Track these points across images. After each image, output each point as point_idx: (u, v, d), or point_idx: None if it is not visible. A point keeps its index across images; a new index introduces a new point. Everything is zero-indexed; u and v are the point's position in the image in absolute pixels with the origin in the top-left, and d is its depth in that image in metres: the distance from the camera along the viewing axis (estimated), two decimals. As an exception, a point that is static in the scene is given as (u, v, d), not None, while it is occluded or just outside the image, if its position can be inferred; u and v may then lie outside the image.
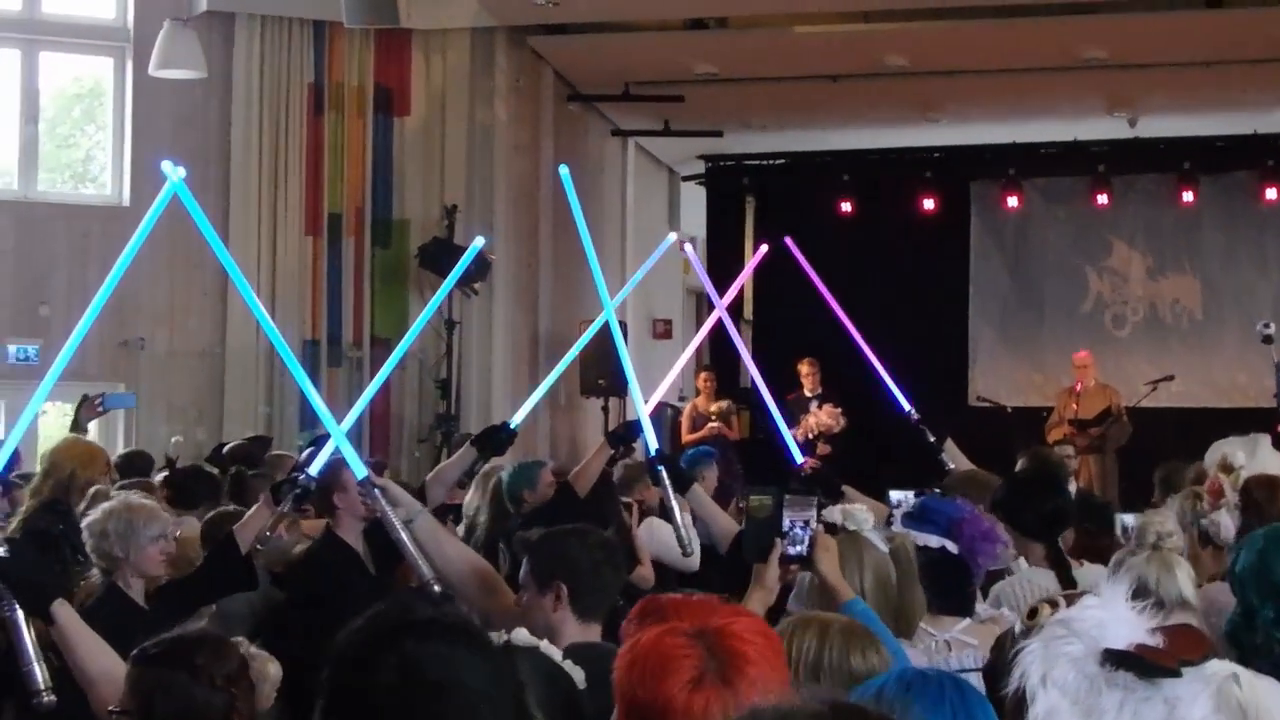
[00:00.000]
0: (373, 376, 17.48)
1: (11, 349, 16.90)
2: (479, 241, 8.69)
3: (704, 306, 18.25)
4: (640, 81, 19.24)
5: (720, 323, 9.26)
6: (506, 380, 18.27)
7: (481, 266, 17.71)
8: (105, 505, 7.01)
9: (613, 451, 9.55)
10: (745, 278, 9.26)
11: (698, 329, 22.04)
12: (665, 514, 7.87)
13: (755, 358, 10.32)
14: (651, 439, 7.76)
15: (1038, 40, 17.62)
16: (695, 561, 9.70)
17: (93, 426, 17.20)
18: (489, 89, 18.52)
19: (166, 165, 6.18)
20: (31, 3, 17.58)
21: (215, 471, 11.22)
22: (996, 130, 21.14)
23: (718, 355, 20.69)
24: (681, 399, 22.71)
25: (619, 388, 18.34)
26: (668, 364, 9.56)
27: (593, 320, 18.86)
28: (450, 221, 17.91)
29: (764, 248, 9.45)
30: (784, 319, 17.77)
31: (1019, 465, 10.08)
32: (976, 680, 5.75)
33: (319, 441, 7.97)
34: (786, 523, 5.29)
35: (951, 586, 5.68)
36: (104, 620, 5.70)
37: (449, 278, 9.10)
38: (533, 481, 10.06)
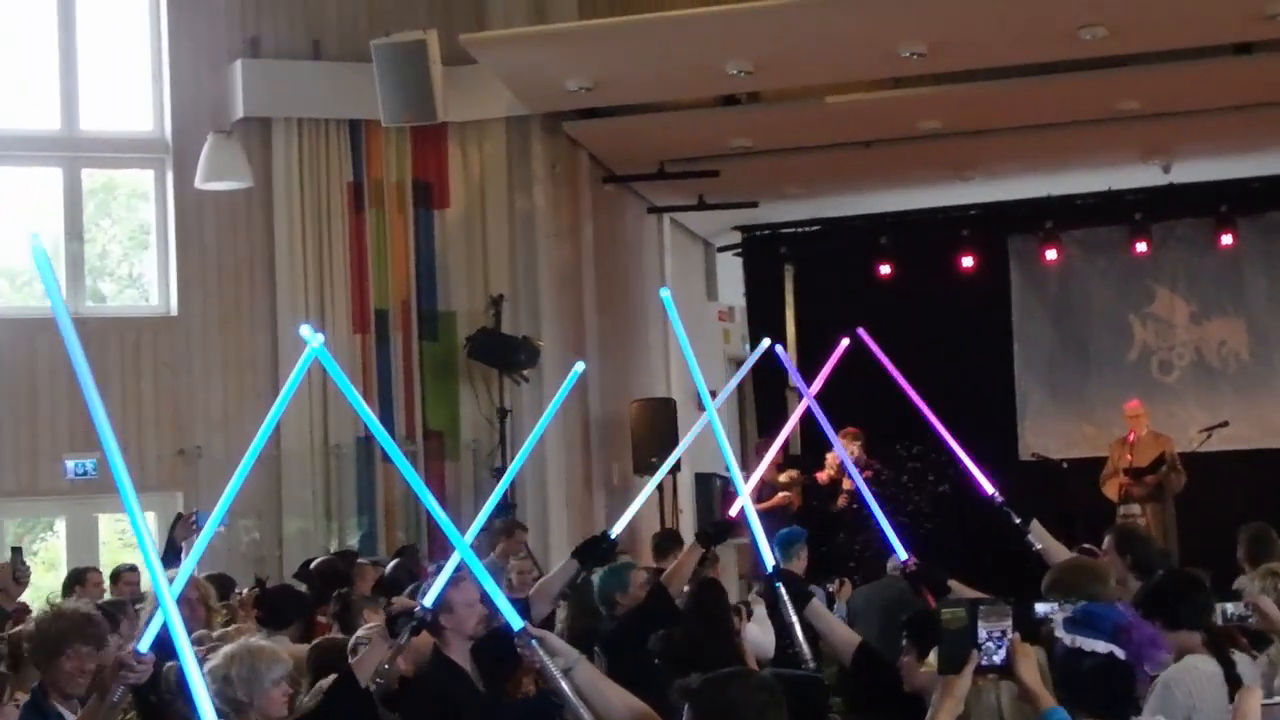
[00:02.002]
0: (427, 470, 17.68)
1: (70, 464, 16.95)
2: (579, 367, 8.59)
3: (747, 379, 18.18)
4: (674, 159, 19.29)
5: (800, 407, 9.16)
6: (561, 466, 18.25)
7: (530, 353, 17.79)
8: (226, 650, 7.02)
9: (703, 551, 9.55)
10: (830, 369, 9.20)
11: (740, 400, 22.18)
12: (784, 630, 7.80)
13: (804, 427, 10.24)
14: (767, 555, 7.70)
15: (1069, 96, 17.66)
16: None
17: (158, 532, 17.42)
18: (527, 177, 18.57)
19: (305, 330, 6.23)
20: (70, 120, 17.71)
21: (304, 589, 11.23)
22: (1031, 184, 21.11)
23: (767, 425, 20.72)
24: (728, 469, 22.71)
25: (673, 466, 18.30)
26: (712, 436, 9.47)
27: (641, 400, 19.06)
28: (497, 311, 17.98)
29: (845, 341, 9.41)
30: (829, 391, 17.78)
31: (1108, 541, 9.95)
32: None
33: (438, 569, 7.96)
34: (982, 634, 5.20)
35: (1119, 693, 5.64)
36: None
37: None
38: (625, 584, 10.03)
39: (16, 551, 9.69)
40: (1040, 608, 7.19)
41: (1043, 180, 21.07)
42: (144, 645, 5.66)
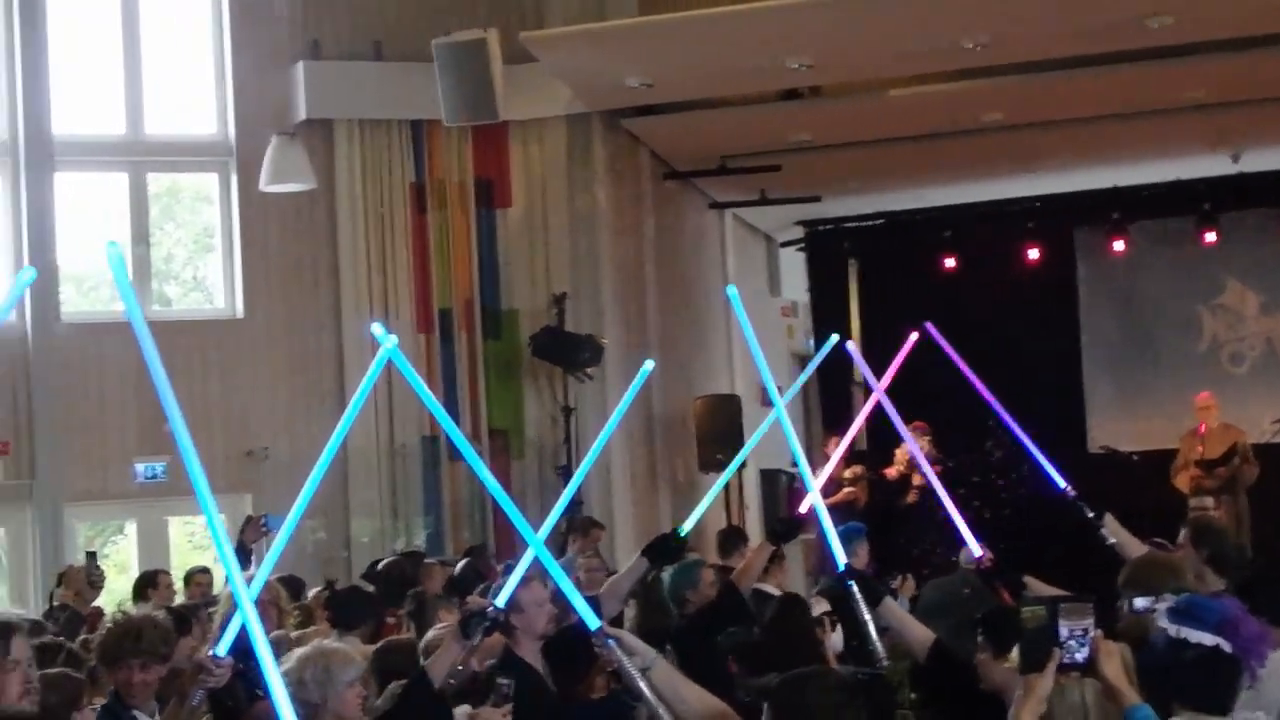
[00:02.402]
0: (492, 469, 17.55)
1: (140, 468, 17.02)
2: (648, 365, 8.53)
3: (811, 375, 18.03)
4: (735, 154, 19.23)
5: (870, 402, 9.07)
6: (626, 463, 18.22)
7: (593, 352, 17.77)
8: (300, 652, 6.98)
9: (774, 549, 9.49)
10: (898, 363, 9.11)
11: (805, 397, 22.09)
12: (858, 629, 7.73)
13: (869, 423, 10.17)
14: (839, 553, 7.62)
15: (1135, 86, 17.50)
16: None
17: (226, 534, 17.43)
18: (587, 174, 18.57)
19: (378, 329, 6.20)
20: (135, 125, 17.78)
21: (372, 589, 11.23)
22: (1097, 175, 20.93)
23: (832, 421, 20.66)
24: (794, 465, 22.64)
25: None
26: (777, 431, 9.42)
27: (705, 397, 19.00)
28: (560, 309, 17.97)
29: (914, 335, 9.32)
30: (895, 386, 17.69)
31: (1184, 535, 9.83)
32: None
33: (508, 569, 7.93)
34: (1064, 632, 5.14)
35: (1221, 686, 5.56)
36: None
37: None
38: (695, 582, 9.98)
39: (91, 555, 9.73)
40: (1140, 602, 7.10)
41: (1109, 171, 20.88)
42: (222, 649, 5.63)
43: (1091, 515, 9.10)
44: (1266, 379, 21.39)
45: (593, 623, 5.78)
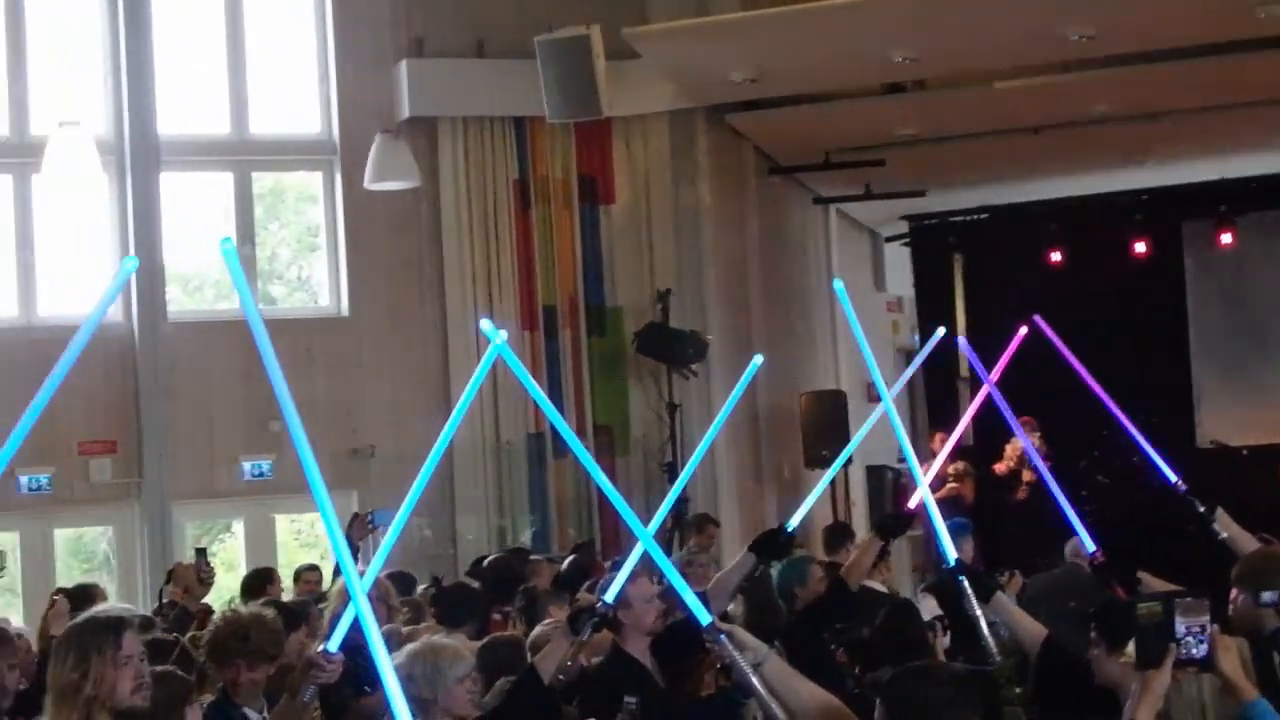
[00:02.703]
0: (598, 465, 17.63)
1: (246, 465, 17.13)
2: (758, 359, 8.47)
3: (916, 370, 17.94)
4: (840, 149, 19.12)
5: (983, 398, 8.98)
6: (731, 460, 18.20)
7: (698, 348, 17.75)
8: (410, 648, 7.02)
9: (883, 543, 9.43)
10: (1008, 357, 9.03)
11: (910, 393, 21.95)
12: (966, 625, 7.68)
13: (975, 419, 10.07)
14: (949, 549, 7.57)
15: (1244, 76, 17.23)
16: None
17: (324, 531, 17.52)
18: (691, 170, 18.57)
19: (486, 325, 6.21)
20: (240, 125, 17.89)
21: (477, 586, 11.24)
22: (1205, 167, 20.69)
23: (937, 416, 20.56)
24: (900, 460, 22.53)
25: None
26: (882, 427, 9.39)
27: (810, 393, 18.94)
28: (664, 305, 17.95)
29: (1024, 329, 9.23)
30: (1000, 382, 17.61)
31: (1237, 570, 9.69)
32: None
33: (616, 566, 7.94)
34: (1181, 628, 5.15)
35: None
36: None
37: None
38: (804, 578, 9.93)
39: (201, 552, 9.79)
40: (1267, 595, 7.03)
41: (1216, 163, 20.63)
42: (334, 645, 5.64)
43: (1202, 510, 9.01)
44: (1380, 374, 21.13)
45: (704, 618, 5.76)
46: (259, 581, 12.72)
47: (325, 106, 18.12)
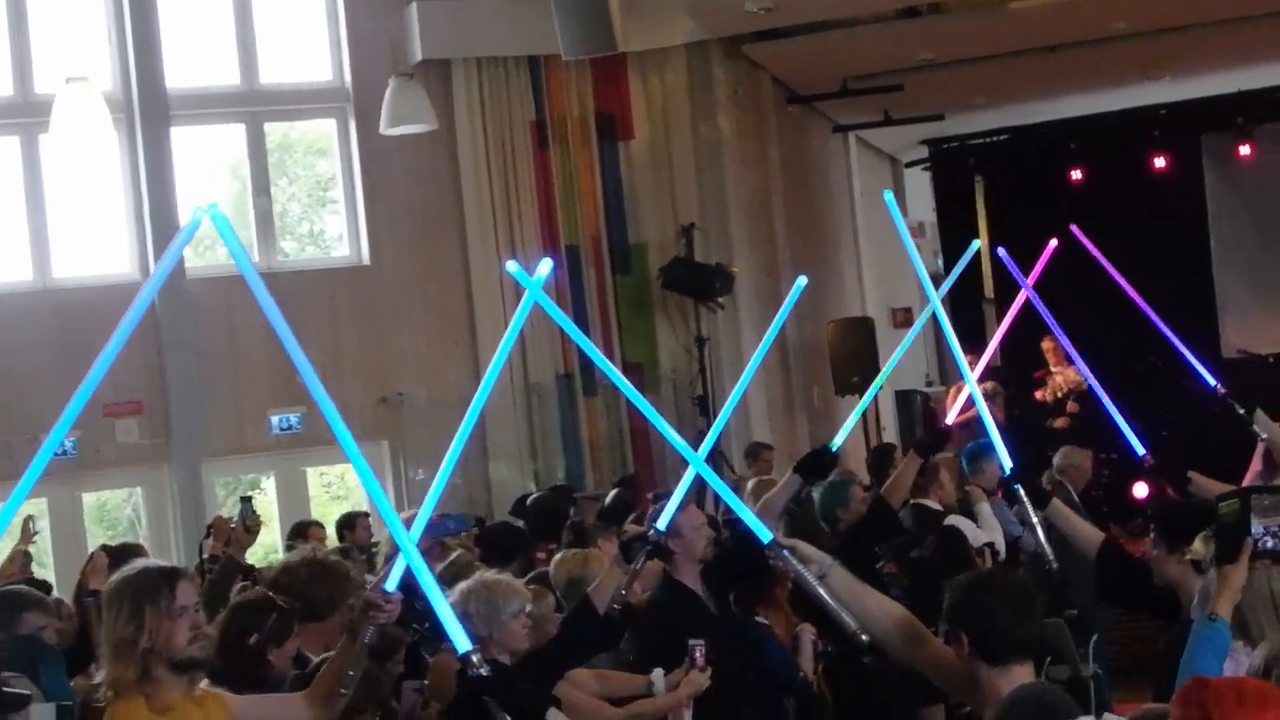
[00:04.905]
0: (628, 402, 17.60)
1: (275, 420, 17.03)
2: (801, 281, 8.38)
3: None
4: (857, 76, 19.04)
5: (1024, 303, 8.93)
6: (762, 390, 18.12)
7: (725, 280, 17.69)
8: (463, 586, 6.99)
9: (922, 461, 9.40)
10: (1040, 269, 8.99)
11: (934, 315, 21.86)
12: (1029, 532, 7.68)
13: (1003, 343, 10.04)
14: (1005, 457, 7.53)
15: (1259, -13, 17.17)
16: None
17: (358, 481, 17.49)
18: (710, 103, 18.46)
19: (512, 266, 6.19)
20: (250, 75, 17.71)
21: (521, 525, 11.21)
22: (1222, 80, 20.65)
23: (964, 338, 20.42)
24: (929, 384, 22.53)
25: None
26: (911, 351, 9.40)
27: (838, 321, 18.87)
28: (688, 240, 17.88)
29: (1054, 241, 9.19)
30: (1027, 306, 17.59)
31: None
32: None
33: (663, 496, 7.91)
34: (1259, 528, 5.25)
35: None
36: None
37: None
38: (845, 500, 9.98)
39: (246, 500, 9.71)
40: None
41: (1234, 76, 20.59)
42: (391, 584, 5.62)
43: (1242, 412, 9.05)
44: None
45: (765, 535, 5.71)
46: (295, 535, 12.74)
47: (336, 52, 17.94)
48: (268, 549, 14.19)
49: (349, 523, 13.43)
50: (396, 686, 7.47)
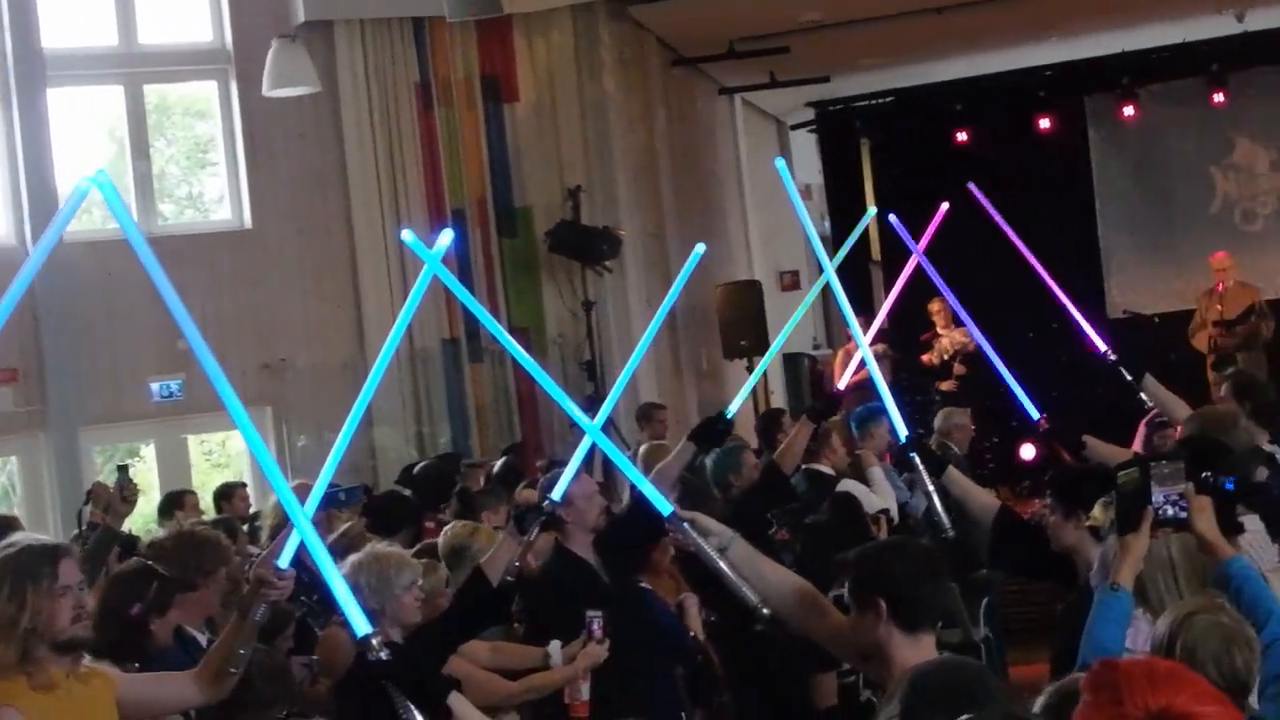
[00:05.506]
0: (515, 368, 17.56)
1: (155, 387, 16.74)
2: (700, 248, 8.28)
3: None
4: (744, 37, 18.97)
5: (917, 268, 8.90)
6: (650, 354, 17.99)
7: (611, 244, 17.60)
8: (354, 559, 6.87)
9: (814, 427, 9.35)
10: (932, 231, 8.98)
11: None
12: (924, 498, 7.66)
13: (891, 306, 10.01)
14: (900, 424, 7.50)
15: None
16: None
17: (246, 450, 17.25)
18: (596, 65, 18.34)
19: (408, 235, 6.10)
20: (128, 36, 17.37)
21: (409, 494, 11.08)
22: (1106, 41, 20.76)
23: (851, 301, 20.44)
24: (816, 347, 22.55)
25: (761, 348, 18.22)
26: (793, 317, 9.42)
27: (726, 284, 18.84)
28: (575, 203, 17.78)
29: (945, 205, 9.16)
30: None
31: (1225, 389, 9.81)
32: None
33: (555, 464, 7.83)
34: (1159, 497, 5.24)
35: None
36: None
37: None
38: (738, 466, 9.94)
39: (123, 470, 9.51)
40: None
41: (1117, 36, 20.68)
42: (284, 561, 5.49)
43: (1131, 379, 9.07)
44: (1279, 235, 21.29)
45: (665, 507, 5.64)
46: (169, 504, 12.55)
47: (217, 13, 17.56)
48: (147, 518, 13.95)
49: (226, 493, 13.25)
50: (285, 662, 7.35)
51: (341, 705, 6.74)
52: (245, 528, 11.36)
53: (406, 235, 6.32)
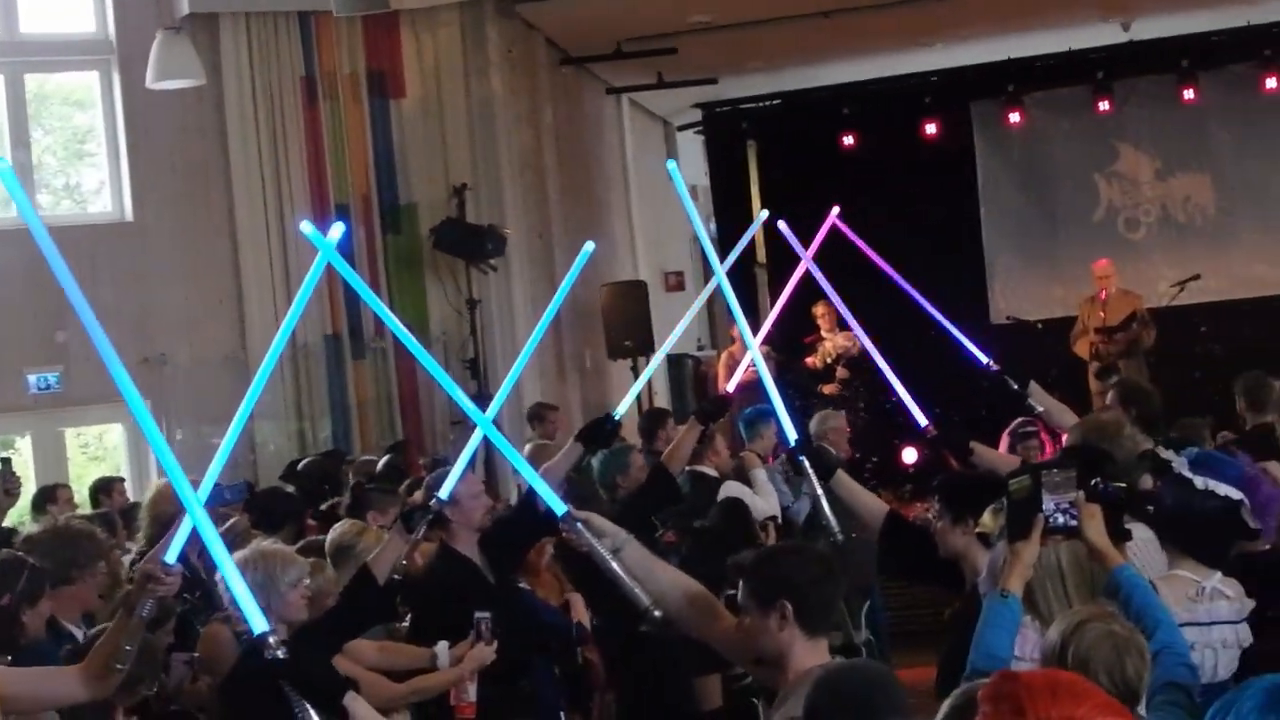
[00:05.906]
0: (398, 366, 17.48)
1: (32, 379, 16.52)
2: (589, 247, 8.23)
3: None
4: (632, 38, 18.97)
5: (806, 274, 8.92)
6: (534, 354, 17.93)
7: (497, 242, 17.54)
8: (238, 556, 6.78)
9: (703, 429, 9.34)
10: (820, 239, 9.00)
11: (706, 281, 21.92)
12: (813, 502, 7.65)
13: (772, 304, 10.05)
14: (789, 429, 7.50)
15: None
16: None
17: (124, 444, 17.05)
18: (483, 63, 18.27)
19: (306, 226, 6.03)
20: (9, 24, 17.14)
21: (292, 490, 10.99)
22: (992, 48, 20.90)
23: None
24: (700, 349, 22.57)
25: (646, 348, 18.25)
26: (681, 317, 9.45)
27: (611, 284, 18.82)
28: (460, 200, 17.71)
29: (836, 209, 9.18)
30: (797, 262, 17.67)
31: (1111, 396, 9.89)
32: (1231, 632, 5.81)
33: (439, 463, 7.78)
34: (1049, 505, 5.26)
35: (1229, 538, 5.64)
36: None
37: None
38: (625, 467, 9.92)
39: (5, 462, 9.35)
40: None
41: (1003, 43, 20.85)
42: (171, 556, 5.41)
43: (1016, 387, 9.11)
44: (1162, 244, 21.49)
45: (559, 507, 5.61)
46: (41, 499, 12.40)
47: (100, 3, 17.41)
48: (21, 512, 13.77)
49: (104, 488, 13.10)
50: (165, 658, 7.28)
51: (225, 704, 6.66)
52: (123, 523, 11.23)
53: (305, 226, 6.28)
